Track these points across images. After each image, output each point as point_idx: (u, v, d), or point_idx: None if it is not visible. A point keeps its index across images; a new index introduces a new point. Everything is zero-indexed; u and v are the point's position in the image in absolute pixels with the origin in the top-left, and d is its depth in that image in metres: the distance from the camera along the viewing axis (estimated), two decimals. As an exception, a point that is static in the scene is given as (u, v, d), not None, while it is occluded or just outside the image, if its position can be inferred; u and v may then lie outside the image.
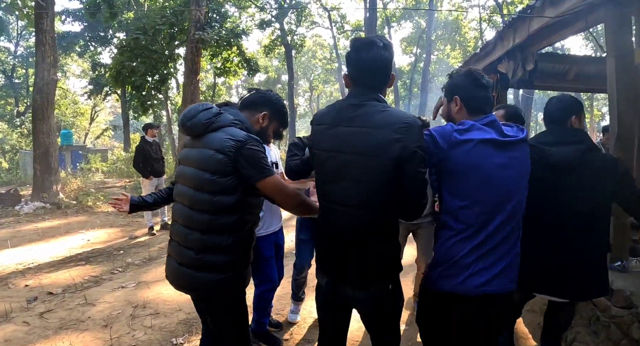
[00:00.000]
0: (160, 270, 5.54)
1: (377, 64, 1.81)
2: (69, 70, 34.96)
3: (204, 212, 2.01)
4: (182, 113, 2.15)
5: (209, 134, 2.04)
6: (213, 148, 1.98)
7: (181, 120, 2.13)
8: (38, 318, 4.04)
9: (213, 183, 1.98)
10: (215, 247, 2.01)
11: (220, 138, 1.99)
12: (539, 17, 3.66)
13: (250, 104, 2.24)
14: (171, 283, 2.22)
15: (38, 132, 10.89)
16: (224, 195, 1.98)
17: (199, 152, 2.04)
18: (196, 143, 2.09)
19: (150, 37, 14.02)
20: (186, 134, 2.17)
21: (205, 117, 2.06)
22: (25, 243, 7.12)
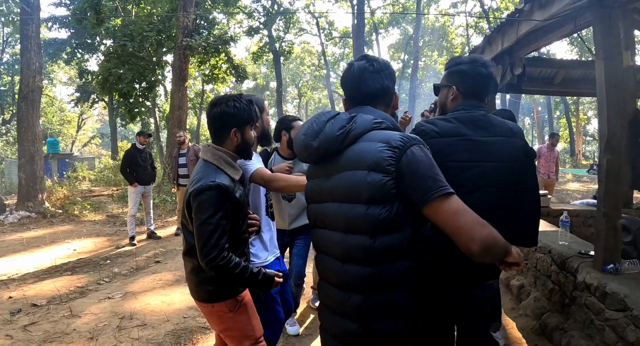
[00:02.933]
0: (148, 279, 5.45)
1: (489, 80, 2.03)
2: (56, 78, 34.64)
3: (364, 264, 1.41)
4: (298, 135, 1.57)
5: (347, 150, 1.46)
6: (364, 167, 1.38)
7: (302, 143, 1.54)
8: (22, 331, 3.92)
9: (371, 219, 1.37)
10: (384, 311, 1.41)
11: (370, 149, 1.38)
12: (527, 21, 3.67)
13: (218, 130, 2.06)
14: None
15: (23, 139, 10.73)
16: (388, 235, 1.38)
17: (342, 179, 1.45)
18: (329, 168, 1.51)
19: (138, 43, 13.91)
20: (311, 161, 1.62)
21: (338, 127, 1.47)
22: (10, 253, 6.96)
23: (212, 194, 1.88)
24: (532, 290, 4.09)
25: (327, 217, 1.51)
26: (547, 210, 5.83)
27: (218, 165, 1.99)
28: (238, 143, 2.06)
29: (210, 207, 1.86)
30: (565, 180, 18.05)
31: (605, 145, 3.03)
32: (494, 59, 4.97)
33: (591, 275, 3.02)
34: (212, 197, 1.87)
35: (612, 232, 3.03)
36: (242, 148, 2.09)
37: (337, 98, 44.31)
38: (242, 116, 2.03)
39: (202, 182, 1.90)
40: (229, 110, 2.00)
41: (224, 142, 2.06)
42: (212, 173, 1.94)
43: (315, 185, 1.60)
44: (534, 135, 45.89)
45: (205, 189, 1.88)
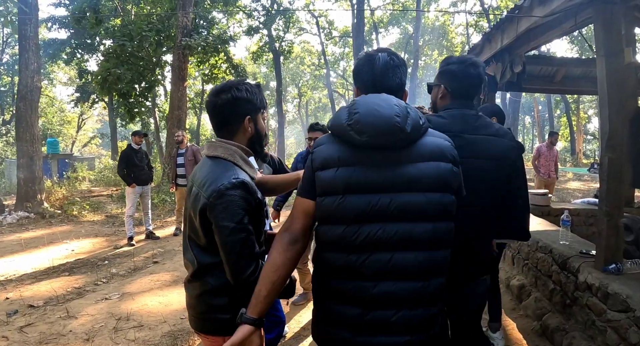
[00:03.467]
0: (146, 280, 5.41)
1: (478, 79, 2.04)
2: (56, 78, 34.66)
3: (447, 247, 1.48)
4: (383, 113, 1.39)
5: (419, 141, 1.45)
6: (447, 159, 1.45)
7: (396, 125, 1.38)
8: (18, 333, 3.88)
9: (453, 207, 1.47)
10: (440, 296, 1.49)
11: (444, 144, 1.47)
12: (527, 17, 3.63)
13: (228, 120, 1.70)
14: None
15: (22, 139, 10.69)
16: (450, 221, 1.47)
17: (427, 168, 1.41)
18: (395, 157, 1.42)
19: (137, 43, 13.90)
20: (394, 146, 1.42)
21: (419, 116, 1.46)
22: (7, 254, 6.92)
23: (238, 194, 1.53)
24: (532, 290, 4.05)
25: (404, 207, 1.39)
26: (547, 210, 5.79)
27: (234, 161, 1.66)
28: (252, 134, 1.72)
29: (239, 209, 1.52)
30: (566, 179, 18.00)
31: (607, 143, 2.99)
32: (494, 56, 4.93)
33: (593, 275, 2.98)
34: (239, 197, 1.53)
35: (613, 231, 2.99)
36: (256, 140, 1.75)
37: (337, 97, 44.32)
38: (255, 101, 1.70)
39: (222, 181, 1.53)
40: (241, 95, 1.65)
41: (235, 134, 1.70)
42: (229, 170, 1.60)
43: (362, 174, 1.40)
44: (535, 134, 45.86)
45: (229, 188, 1.52)
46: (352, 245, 1.39)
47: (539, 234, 4.21)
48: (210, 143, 1.72)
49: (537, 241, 4.03)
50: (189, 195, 1.69)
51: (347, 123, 1.41)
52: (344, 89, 44.17)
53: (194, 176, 1.71)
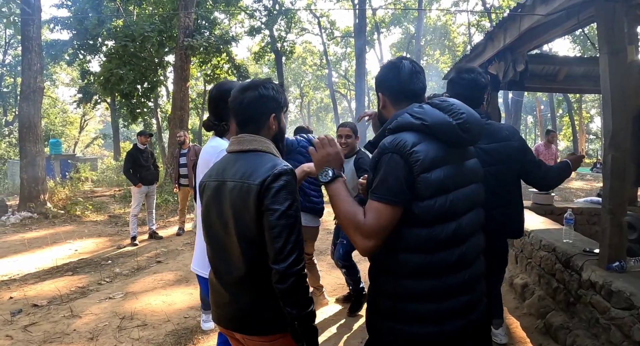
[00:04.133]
0: (149, 280, 5.42)
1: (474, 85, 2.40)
2: (58, 79, 34.74)
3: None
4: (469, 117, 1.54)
5: None
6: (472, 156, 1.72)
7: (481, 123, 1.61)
8: (22, 332, 3.90)
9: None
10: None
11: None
12: (529, 16, 3.62)
13: (255, 117, 1.70)
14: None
15: (25, 140, 10.72)
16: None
17: (474, 163, 1.68)
18: (463, 154, 1.63)
19: (139, 44, 13.90)
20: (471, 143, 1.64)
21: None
22: (11, 254, 6.95)
23: (289, 180, 1.55)
24: (536, 288, 4.05)
25: (475, 196, 1.62)
26: (551, 208, 5.78)
27: (273, 153, 1.69)
28: (275, 131, 1.75)
29: (289, 194, 1.53)
30: (568, 179, 17.94)
31: (610, 141, 2.98)
32: (496, 55, 4.92)
33: (596, 273, 2.97)
34: (290, 183, 1.55)
35: (617, 230, 2.98)
36: (279, 138, 1.79)
37: (339, 98, 44.31)
38: (280, 100, 1.73)
39: (274, 167, 1.55)
40: (267, 93, 1.68)
41: (259, 131, 1.71)
42: (274, 160, 1.61)
43: (456, 171, 1.54)
44: (537, 134, 45.77)
45: (282, 173, 1.54)
46: (463, 236, 1.53)
47: (542, 233, 4.21)
48: (240, 139, 1.69)
49: (541, 239, 4.03)
50: (221, 193, 1.64)
51: (456, 122, 1.50)
52: (345, 89, 44.13)
53: (221, 171, 1.68)
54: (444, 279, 1.48)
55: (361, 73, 22.21)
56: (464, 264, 1.52)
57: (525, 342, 3.45)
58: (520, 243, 4.59)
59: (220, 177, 1.67)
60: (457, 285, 1.50)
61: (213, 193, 1.68)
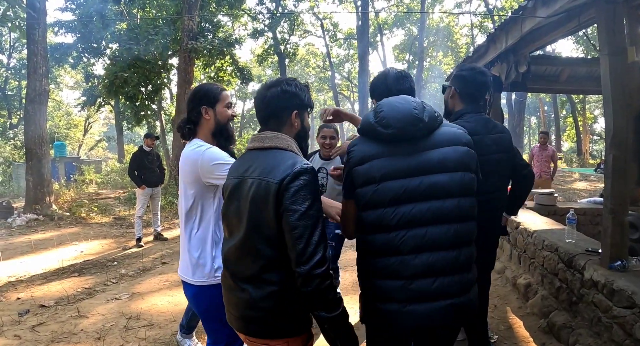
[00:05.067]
0: (155, 280, 5.47)
1: (484, 85, 2.60)
2: (62, 82, 34.93)
3: (472, 220, 1.71)
4: (403, 109, 1.65)
5: (437, 130, 1.71)
6: (462, 144, 1.70)
7: (414, 115, 1.64)
8: (30, 332, 3.94)
9: (474, 183, 1.71)
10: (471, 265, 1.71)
11: (458, 132, 1.73)
12: (531, 18, 3.66)
13: (277, 113, 1.69)
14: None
15: (30, 143, 10.81)
16: (472, 196, 1.72)
17: (447, 153, 1.65)
18: (419, 145, 1.66)
19: (143, 47, 13.98)
20: (416, 136, 1.66)
21: (434, 110, 1.72)
22: (18, 255, 7.01)
23: (310, 179, 1.51)
24: (539, 288, 4.07)
25: (434, 186, 1.62)
26: (554, 209, 5.80)
27: (295, 151, 1.65)
28: (298, 129, 1.72)
29: (310, 194, 1.49)
30: (572, 180, 17.94)
31: (612, 141, 3.01)
32: (499, 57, 4.96)
33: (598, 273, 3.00)
34: (310, 182, 1.50)
35: (619, 229, 3.01)
36: (302, 135, 1.75)
37: (342, 99, 44.34)
38: (303, 98, 1.71)
39: (294, 166, 1.51)
40: (290, 89, 1.67)
41: (282, 128, 1.69)
42: (295, 157, 1.58)
43: (392, 163, 1.64)
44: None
45: (302, 172, 1.50)
46: (390, 224, 1.61)
47: (545, 233, 4.23)
48: (262, 136, 1.68)
49: (544, 240, 4.05)
50: (240, 190, 1.63)
51: (375, 121, 1.67)
52: (348, 91, 44.22)
53: (241, 169, 1.67)
54: (393, 259, 1.61)
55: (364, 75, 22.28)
56: (416, 248, 1.60)
57: (529, 341, 3.47)
58: (523, 243, 4.61)
59: (240, 174, 1.66)
60: (415, 266, 1.59)
61: (232, 190, 1.67)
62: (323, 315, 1.47)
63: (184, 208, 2.15)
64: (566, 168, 23.07)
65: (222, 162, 2.00)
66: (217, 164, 2.00)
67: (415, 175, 1.62)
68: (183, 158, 2.13)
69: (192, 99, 2.17)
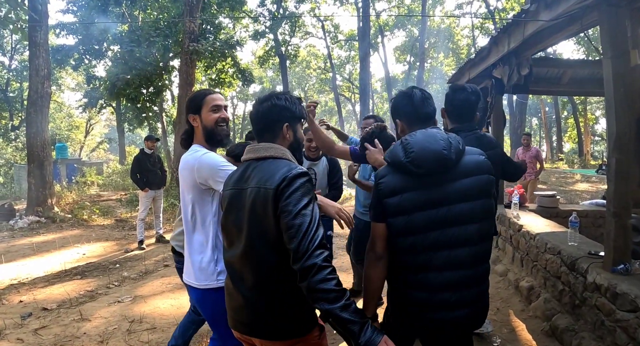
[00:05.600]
0: (157, 283, 5.47)
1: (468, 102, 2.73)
2: (64, 84, 34.95)
3: (490, 240, 1.92)
4: (434, 150, 1.76)
5: (460, 161, 1.81)
6: (484, 172, 1.83)
7: (444, 156, 1.75)
8: (32, 335, 3.95)
9: (493, 208, 1.89)
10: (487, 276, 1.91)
11: (479, 160, 1.84)
12: (533, 21, 3.66)
13: (269, 126, 1.78)
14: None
15: (32, 145, 10.83)
16: (492, 219, 1.93)
17: (471, 182, 1.78)
18: (445, 177, 1.78)
19: (145, 49, 14.01)
20: (440, 171, 1.77)
21: (459, 144, 1.82)
22: (20, 258, 7.02)
23: (304, 181, 1.60)
24: (542, 291, 4.07)
25: (459, 215, 1.77)
26: (556, 211, 5.80)
27: (289, 158, 1.74)
28: (290, 141, 1.80)
29: (306, 195, 1.57)
30: (573, 181, 17.92)
31: (614, 144, 3.01)
32: (501, 59, 4.96)
33: (601, 276, 3.00)
34: (303, 185, 1.59)
35: (621, 232, 3.01)
36: (295, 146, 1.83)
37: (344, 101, 44.35)
38: (294, 110, 1.79)
39: (288, 171, 1.60)
40: (280, 103, 1.76)
41: (276, 140, 1.78)
42: (290, 164, 1.66)
43: (421, 196, 1.78)
44: (542, 136, 45.63)
45: (296, 176, 1.59)
46: (420, 248, 1.78)
47: (547, 235, 4.23)
48: (257, 147, 1.77)
49: (546, 242, 4.05)
50: (238, 200, 1.71)
51: (406, 160, 1.78)
52: (350, 93, 44.20)
53: (238, 179, 1.76)
54: (421, 275, 1.80)
55: (365, 76, 22.27)
56: (440, 267, 1.78)
57: (532, 344, 3.47)
58: (525, 246, 4.61)
59: (237, 185, 1.75)
60: (439, 282, 1.78)
61: (231, 201, 1.75)
62: (325, 307, 1.46)
63: (184, 214, 2.20)
64: (568, 169, 23.04)
65: (218, 167, 2.03)
66: (213, 169, 2.03)
67: (442, 205, 1.77)
68: (182, 164, 2.17)
69: (185, 109, 2.28)
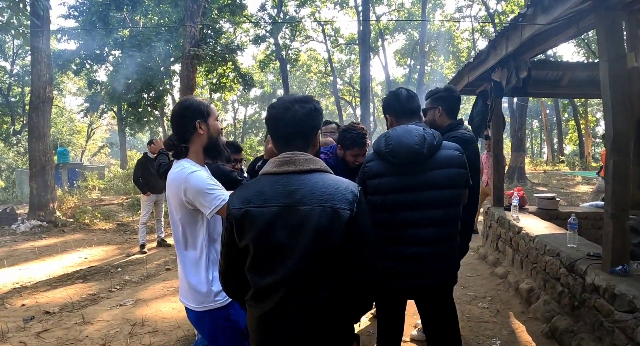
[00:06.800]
0: (159, 287, 5.49)
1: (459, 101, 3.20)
2: (65, 88, 35.05)
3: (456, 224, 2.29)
4: (406, 144, 2.14)
5: (436, 154, 2.18)
6: (456, 166, 2.19)
7: (415, 150, 2.12)
8: (35, 338, 3.97)
9: (461, 197, 2.25)
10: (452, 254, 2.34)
11: (453, 155, 2.20)
12: (530, 25, 3.69)
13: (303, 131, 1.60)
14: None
15: (34, 150, 10.86)
16: (458, 206, 2.27)
17: (442, 174, 2.16)
18: (420, 167, 2.16)
19: (146, 54, 14.08)
20: (413, 163, 2.16)
21: (433, 139, 2.17)
22: (22, 262, 7.05)
23: (365, 200, 1.61)
24: (541, 293, 4.08)
25: (427, 200, 2.16)
26: (555, 213, 5.82)
27: (331, 172, 1.63)
28: (317, 149, 1.71)
29: (370, 214, 1.62)
30: (574, 183, 17.92)
31: (612, 146, 3.03)
32: (499, 63, 4.99)
33: (600, 277, 3.02)
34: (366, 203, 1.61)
35: (620, 233, 3.02)
36: (316, 155, 1.71)
37: (344, 104, 44.40)
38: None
39: (353, 191, 1.51)
40: (319, 108, 1.63)
41: (308, 148, 1.62)
42: (343, 179, 1.58)
43: (397, 181, 2.19)
44: (543, 138, 45.62)
45: (361, 194, 1.56)
46: (394, 224, 2.20)
47: (546, 237, 4.25)
48: (293, 158, 1.56)
49: (545, 244, 4.07)
50: (286, 218, 1.49)
51: (385, 150, 2.19)
52: (350, 96, 44.25)
53: (280, 194, 1.51)
54: (392, 248, 2.21)
55: (366, 80, 22.28)
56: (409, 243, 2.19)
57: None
58: (525, 248, 4.63)
59: (279, 201, 1.50)
60: (407, 254, 2.20)
61: (272, 219, 1.49)
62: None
63: (174, 232, 2.09)
64: (569, 171, 23.03)
65: (205, 189, 1.89)
66: (200, 191, 1.89)
67: (413, 190, 2.17)
68: (169, 181, 2.01)
69: (185, 115, 2.04)
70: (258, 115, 48.93)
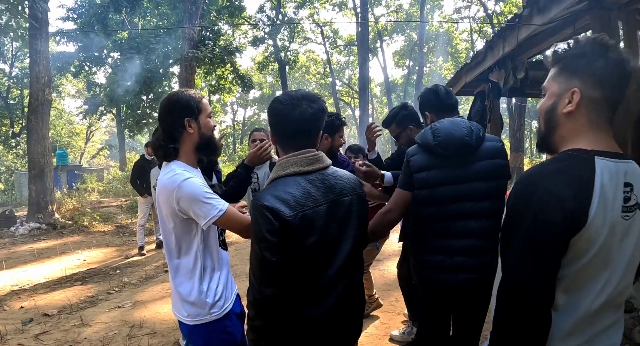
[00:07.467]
0: (157, 288, 5.49)
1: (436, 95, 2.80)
2: (64, 91, 35.03)
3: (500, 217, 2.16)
4: (456, 135, 2.11)
5: (481, 146, 2.16)
6: (499, 157, 2.17)
7: (465, 141, 2.10)
8: (34, 340, 3.97)
9: (505, 189, 2.20)
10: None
11: (497, 146, 2.19)
12: (527, 25, 3.70)
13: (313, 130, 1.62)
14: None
15: (33, 152, 10.85)
16: (503, 198, 2.20)
17: (487, 165, 2.13)
18: (468, 159, 2.13)
19: (144, 56, 14.09)
20: (461, 154, 2.12)
21: (479, 131, 2.17)
22: (21, 264, 7.05)
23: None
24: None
25: (477, 191, 2.10)
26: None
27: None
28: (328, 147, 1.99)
29: None
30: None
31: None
32: (496, 64, 5.00)
33: (597, 277, 3.01)
34: None
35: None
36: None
37: (344, 106, 44.42)
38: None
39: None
40: (325, 107, 1.64)
41: (317, 147, 1.65)
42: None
43: (446, 173, 2.12)
44: (542, 139, 45.49)
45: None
46: (442, 217, 2.15)
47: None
48: (318, 156, 1.60)
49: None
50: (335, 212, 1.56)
51: (434, 143, 2.12)
52: (349, 97, 44.29)
53: (323, 193, 1.55)
54: (440, 241, 2.16)
55: (365, 81, 22.32)
56: (457, 235, 2.14)
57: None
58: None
59: (328, 196, 1.56)
60: (456, 247, 2.13)
61: (327, 215, 1.54)
62: None
63: (165, 242, 1.93)
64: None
65: (201, 198, 1.76)
66: (195, 200, 1.75)
67: (461, 182, 2.12)
68: (159, 188, 1.84)
69: (171, 111, 1.86)
70: (257, 117, 48.91)
